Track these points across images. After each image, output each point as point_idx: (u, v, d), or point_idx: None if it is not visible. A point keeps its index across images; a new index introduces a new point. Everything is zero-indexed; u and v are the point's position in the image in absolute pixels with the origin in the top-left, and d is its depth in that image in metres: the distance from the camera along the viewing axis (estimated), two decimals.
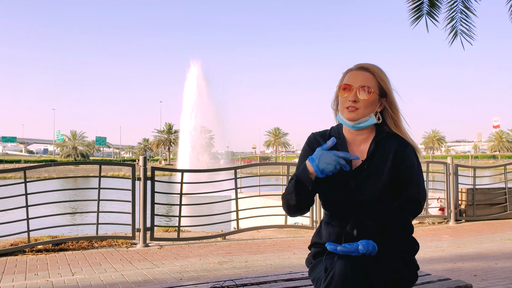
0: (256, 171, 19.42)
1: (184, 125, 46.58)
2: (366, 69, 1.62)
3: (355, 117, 1.58)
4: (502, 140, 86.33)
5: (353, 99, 1.58)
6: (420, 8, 4.93)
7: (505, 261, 4.54)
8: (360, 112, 1.58)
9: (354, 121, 1.59)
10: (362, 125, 1.61)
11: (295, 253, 5.17)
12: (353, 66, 1.66)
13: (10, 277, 4.04)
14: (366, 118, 1.60)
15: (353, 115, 1.58)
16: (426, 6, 4.92)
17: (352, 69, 1.64)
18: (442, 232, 6.88)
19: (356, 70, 1.63)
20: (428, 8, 4.92)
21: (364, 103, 1.58)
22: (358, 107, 1.58)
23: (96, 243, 5.59)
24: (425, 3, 4.90)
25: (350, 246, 1.40)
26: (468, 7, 4.90)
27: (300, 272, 2.23)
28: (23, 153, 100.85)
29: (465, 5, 4.90)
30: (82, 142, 72.51)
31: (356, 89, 1.58)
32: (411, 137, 1.65)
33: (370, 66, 1.63)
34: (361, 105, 1.58)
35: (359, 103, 1.58)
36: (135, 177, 5.64)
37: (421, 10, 4.93)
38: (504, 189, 8.30)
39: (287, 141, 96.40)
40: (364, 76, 1.60)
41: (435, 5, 4.90)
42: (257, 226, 6.59)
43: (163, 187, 6.22)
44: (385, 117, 1.64)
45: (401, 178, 1.58)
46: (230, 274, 4.02)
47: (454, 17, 4.93)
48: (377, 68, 1.63)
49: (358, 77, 1.60)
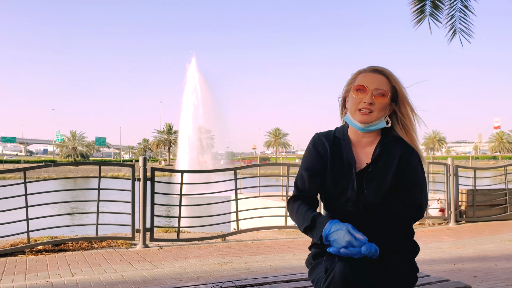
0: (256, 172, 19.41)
1: (184, 125, 46.61)
2: (381, 72, 1.61)
3: (368, 120, 1.57)
4: (502, 141, 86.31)
5: (370, 101, 1.56)
6: (423, 10, 4.95)
7: (505, 262, 4.54)
8: (373, 115, 1.57)
9: (366, 123, 1.58)
10: (373, 128, 1.60)
11: (295, 254, 5.17)
12: (366, 68, 1.65)
13: (10, 277, 4.04)
14: (377, 122, 1.59)
15: (367, 118, 1.57)
16: (429, 7, 4.94)
17: (365, 71, 1.63)
18: (442, 233, 6.87)
19: (370, 72, 1.62)
20: (430, 9, 4.93)
21: (379, 107, 1.57)
22: (373, 109, 1.57)
23: (96, 243, 5.59)
24: (428, 5, 4.92)
25: (353, 248, 1.39)
26: (466, 6, 4.92)
27: (300, 273, 2.22)
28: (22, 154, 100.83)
29: (464, 4, 4.92)
30: (82, 142, 72.58)
31: (371, 92, 1.57)
32: (418, 143, 1.64)
33: (384, 69, 1.63)
34: (376, 108, 1.57)
35: (375, 106, 1.57)
36: (135, 177, 5.64)
37: (423, 11, 4.95)
38: (505, 190, 8.30)
39: (287, 141, 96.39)
40: (379, 79, 1.59)
41: (438, 7, 4.92)
42: (257, 227, 6.59)
43: (163, 187, 6.21)
44: (394, 121, 1.63)
45: (405, 182, 1.58)
46: (230, 275, 4.02)
47: (453, 16, 4.95)
48: (391, 72, 1.63)
49: (373, 80, 1.59)
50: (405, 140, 1.62)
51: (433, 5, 4.91)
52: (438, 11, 4.92)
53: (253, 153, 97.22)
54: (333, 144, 1.65)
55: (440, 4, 4.90)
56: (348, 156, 1.61)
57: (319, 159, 1.64)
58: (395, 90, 1.61)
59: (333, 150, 1.64)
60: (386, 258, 1.49)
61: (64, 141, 73.48)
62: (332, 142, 1.65)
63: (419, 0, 4.88)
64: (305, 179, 1.64)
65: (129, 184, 5.64)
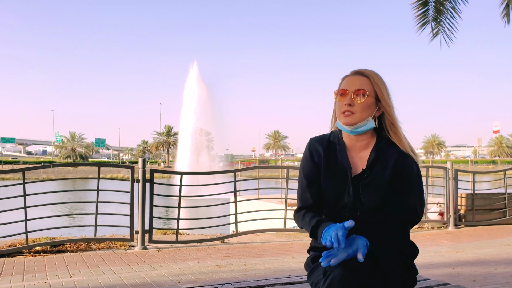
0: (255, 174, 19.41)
1: (184, 127, 46.62)
2: (361, 73, 1.63)
3: (351, 121, 1.57)
4: (502, 145, 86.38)
5: (349, 103, 1.57)
6: (426, 15, 4.94)
7: (504, 266, 4.53)
8: (356, 116, 1.57)
9: (351, 125, 1.58)
10: (361, 129, 1.59)
11: (294, 256, 5.16)
12: (349, 72, 1.66)
13: (8, 278, 4.02)
14: (364, 122, 1.59)
15: (350, 120, 1.57)
16: (432, 12, 4.93)
17: (348, 75, 1.65)
18: (441, 237, 6.86)
19: (352, 75, 1.63)
20: (434, 14, 4.93)
21: (360, 107, 1.57)
22: (354, 111, 1.57)
23: (94, 245, 5.58)
24: (431, 10, 4.91)
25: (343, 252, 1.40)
26: (454, 8, 4.91)
27: (298, 276, 2.22)
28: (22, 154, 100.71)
29: (452, 5, 4.91)
30: (81, 143, 72.55)
31: (351, 93, 1.58)
32: (409, 143, 1.64)
33: (366, 70, 1.64)
34: (357, 109, 1.57)
35: (355, 107, 1.57)
36: (134, 179, 5.63)
37: (426, 17, 4.95)
38: (504, 194, 8.30)
39: (286, 144, 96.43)
40: (359, 80, 1.60)
41: (441, 12, 4.92)
42: (256, 229, 6.58)
43: (162, 189, 6.20)
44: (382, 122, 1.64)
45: (401, 187, 1.58)
46: (229, 277, 4.01)
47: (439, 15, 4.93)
48: (373, 73, 1.63)
49: (354, 82, 1.60)
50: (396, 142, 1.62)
51: (436, 10, 4.90)
52: (441, 16, 4.92)
53: (253, 156, 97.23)
54: (327, 148, 1.65)
55: (443, 9, 4.90)
56: (343, 161, 1.61)
57: (315, 167, 1.64)
58: (378, 90, 1.61)
59: (328, 155, 1.64)
60: (384, 260, 1.49)
61: (63, 142, 73.45)
62: (326, 146, 1.66)
63: (422, 5, 4.88)
64: (304, 188, 1.66)
65: (128, 186, 5.63)
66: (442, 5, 4.84)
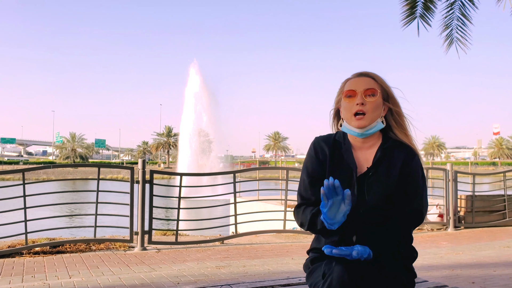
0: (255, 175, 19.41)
1: (184, 128, 46.62)
2: (366, 74, 1.64)
3: (364, 124, 1.58)
4: (502, 147, 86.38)
5: (361, 102, 1.58)
6: (413, 10, 4.88)
7: (503, 268, 4.53)
8: (368, 117, 1.57)
9: (363, 128, 1.58)
10: (370, 131, 1.60)
11: (293, 258, 5.16)
12: (351, 75, 1.67)
13: (7, 279, 4.03)
14: (374, 124, 1.59)
15: (362, 122, 1.57)
16: (420, 8, 4.87)
17: (351, 78, 1.65)
18: (441, 239, 6.86)
19: (357, 77, 1.64)
20: (422, 11, 4.87)
21: (371, 106, 1.58)
22: (366, 110, 1.57)
23: (94, 245, 5.58)
24: (419, 6, 4.86)
25: (346, 249, 1.41)
26: (465, 15, 4.87)
27: (298, 277, 2.22)
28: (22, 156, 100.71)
29: (462, 12, 4.87)
30: (81, 144, 72.54)
31: (361, 93, 1.58)
32: (415, 142, 1.64)
33: (369, 72, 1.66)
34: (368, 108, 1.58)
35: (367, 106, 1.58)
36: (134, 180, 5.64)
37: (414, 12, 4.89)
38: (503, 196, 8.30)
39: (286, 145, 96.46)
40: (366, 81, 1.61)
41: (429, 9, 4.87)
42: (255, 230, 6.58)
43: (161, 190, 6.21)
44: (389, 121, 1.64)
45: (406, 188, 1.57)
46: (228, 278, 4.01)
47: (450, 25, 4.90)
48: (376, 74, 1.66)
49: (361, 82, 1.61)
50: (404, 141, 1.62)
51: (425, 7, 4.84)
52: (429, 13, 4.86)
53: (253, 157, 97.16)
54: (333, 148, 1.65)
55: (431, 6, 4.84)
56: (348, 161, 1.61)
57: (320, 165, 1.64)
58: (384, 90, 1.63)
59: (333, 154, 1.63)
60: (384, 262, 1.49)
61: (63, 142, 73.42)
62: (331, 146, 1.65)
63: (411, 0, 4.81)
64: (307, 185, 1.65)
65: (128, 187, 5.63)
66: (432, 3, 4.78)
